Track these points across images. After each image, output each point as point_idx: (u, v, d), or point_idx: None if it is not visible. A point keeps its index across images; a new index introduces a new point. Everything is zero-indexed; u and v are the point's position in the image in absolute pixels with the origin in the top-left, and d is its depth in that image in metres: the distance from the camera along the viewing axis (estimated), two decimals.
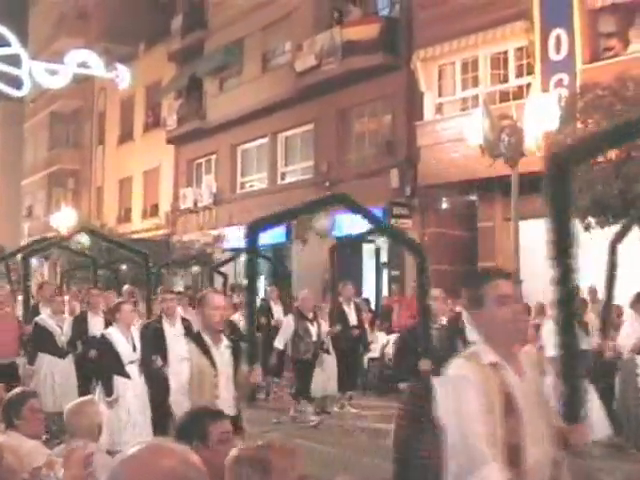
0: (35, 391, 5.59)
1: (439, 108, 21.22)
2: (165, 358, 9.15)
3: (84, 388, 10.98)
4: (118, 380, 9.34)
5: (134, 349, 9.59)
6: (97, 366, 10.00)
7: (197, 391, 6.11)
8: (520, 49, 19.10)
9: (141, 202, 36.75)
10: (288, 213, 10.85)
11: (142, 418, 9.36)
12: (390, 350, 17.17)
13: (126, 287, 17.08)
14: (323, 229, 23.21)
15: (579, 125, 14.13)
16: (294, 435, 11.74)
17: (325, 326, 13.80)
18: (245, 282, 8.69)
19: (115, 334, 9.58)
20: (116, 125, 39.74)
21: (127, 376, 9.40)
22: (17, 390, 5.62)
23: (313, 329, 13.40)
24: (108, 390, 9.22)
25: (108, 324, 10.67)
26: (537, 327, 12.63)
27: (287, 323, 13.70)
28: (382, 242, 21.45)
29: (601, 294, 15.58)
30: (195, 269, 25.02)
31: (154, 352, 9.91)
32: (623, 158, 13.37)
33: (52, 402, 10.87)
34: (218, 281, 20.28)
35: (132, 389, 9.42)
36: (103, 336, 9.75)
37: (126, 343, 9.54)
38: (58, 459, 4.63)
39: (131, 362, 9.48)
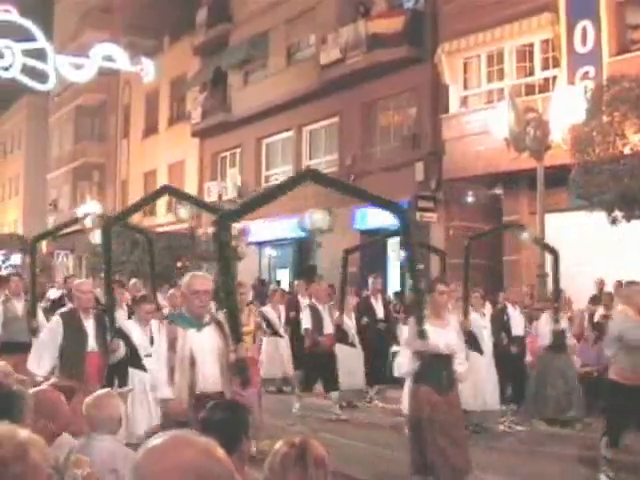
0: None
1: (464, 101, 21.11)
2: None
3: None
4: (131, 372, 9.29)
5: (152, 342, 9.52)
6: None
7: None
8: (546, 41, 18.94)
9: (166, 195, 36.73)
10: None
11: (147, 411, 9.28)
12: None
13: (133, 281, 16.92)
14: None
15: (605, 118, 14.03)
16: (321, 429, 11.56)
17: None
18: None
19: (133, 326, 9.57)
20: (141, 118, 39.82)
21: (144, 369, 9.33)
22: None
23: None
24: (123, 382, 9.18)
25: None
26: (570, 319, 12.54)
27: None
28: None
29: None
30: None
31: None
32: None
33: None
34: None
35: (148, 382, 9.34)
36: (120, 328, 9.69)
37: (143, 335, 9.50)
38: (85, 458, 4.60)
39: (147, 355, 9.40)
